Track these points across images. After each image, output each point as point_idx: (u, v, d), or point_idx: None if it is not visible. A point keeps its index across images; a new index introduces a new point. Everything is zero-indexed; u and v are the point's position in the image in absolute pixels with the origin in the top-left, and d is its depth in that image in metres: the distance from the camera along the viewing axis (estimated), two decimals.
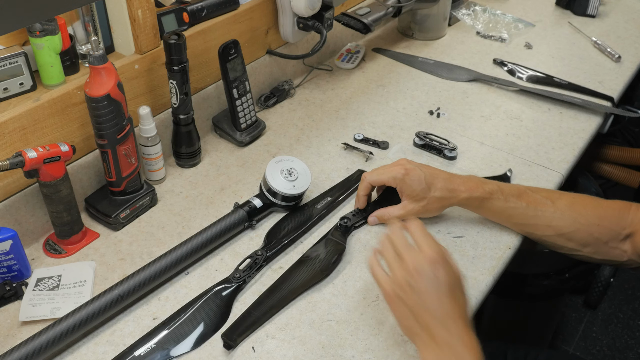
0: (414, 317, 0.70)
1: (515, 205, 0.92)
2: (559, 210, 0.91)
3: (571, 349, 1.86)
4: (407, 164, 0.94)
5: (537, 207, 0.91)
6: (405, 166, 0.93)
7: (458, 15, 1.63)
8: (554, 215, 0.91)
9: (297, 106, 1.30)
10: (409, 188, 0.92)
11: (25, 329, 0.83)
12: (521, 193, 0.93)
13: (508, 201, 0.92)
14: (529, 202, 0.92)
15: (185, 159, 1.11)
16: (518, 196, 0.92)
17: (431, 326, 0.69)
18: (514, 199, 0.92)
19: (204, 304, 0.85)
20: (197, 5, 1.11)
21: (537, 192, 0.93)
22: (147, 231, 0.99)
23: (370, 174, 0.96)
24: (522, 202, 0.92)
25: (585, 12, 1.67)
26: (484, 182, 0.93)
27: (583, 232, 0.90)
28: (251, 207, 0.98)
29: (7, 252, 0.86)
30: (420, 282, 0.70)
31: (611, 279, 1.84)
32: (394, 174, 0.93)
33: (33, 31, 0.89)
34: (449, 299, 0.70)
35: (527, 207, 0.92)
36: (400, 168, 0.93)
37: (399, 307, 0.72)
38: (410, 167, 0.93)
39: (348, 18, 1.36)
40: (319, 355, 0.80)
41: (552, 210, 0.91)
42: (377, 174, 0.95)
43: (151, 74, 1.06)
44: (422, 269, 0.70)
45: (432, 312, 0.69)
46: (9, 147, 0.89)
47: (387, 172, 0.94)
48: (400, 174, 0.92)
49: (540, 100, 1.32)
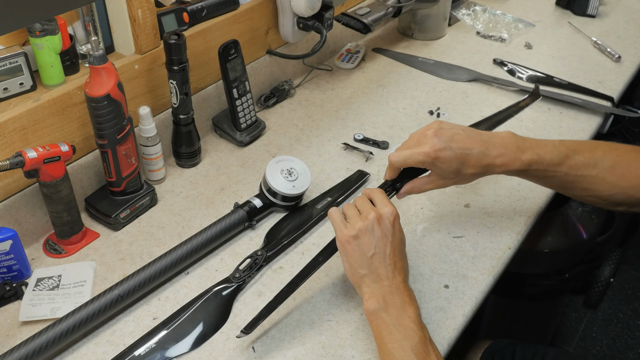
0: (366, 259, 0.77)
1: (555, 173, 0.87)
2: (600, 174, 0.87)
3: (571, 349, 1.86)
4: (437, 142, 0.83)
5: (578, 172, 0.87)
6: (435, 146, 0.82)
7: (458, 15, 1.63)
8: (594, 180, 0.87)
9: (297, 106, 1.30)
10: (438, 170, 0.85)
11: (25, 329, 0.83)
12: (563, 160, 0.86)
13: (547, 171, 0.87)
14: (569, 168, 0.86)
15: (185, 159, 1.11)
16: (559, 164, 0.86)
17: (379, 268, 0.76)
18: (553, 167, 0.86)
19: (204, 303, 0.85)
20: (197, 5, 1.11)
21: (580, 153, 0.87)
22: (147, 231, 0.99)
23: (397, 156, 0.86)
24: (563, 168, 0.86)
25: (585, 12, 1.67)
26: (522, 151, 0.86)
27: (623, 195, 0.87)
28: (251, 207, 0.98)
29: (7, 252, 0.86)
30: (377, 228, 0.77)
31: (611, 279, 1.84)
32: (423, 158, 0.83)
33: (33, 31, 0.89)
34: (398, 252, 0.78)
35: (566, 174, 0.87)
36: (429, 149, 0.83)
37: (353, 250, 0.77)
38: (440, 146, 0.83)
39: (348, 18, 1.36)
40: (319, 355, 0.80)
41: (593, 175, 0.87)
42: (404, 157, 0.85)
43: (151, 74, 1.06)
44: (382, 219, 0.78)
45: (382, 256, 0.77)
46: (9, 147, 0.89)
47: (415, 154, 0.84)
48: (429, 158, 0.83)
49: (540, 100, 1.32)
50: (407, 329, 0.73)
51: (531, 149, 0.86)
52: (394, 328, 0.73)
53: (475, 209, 1.04)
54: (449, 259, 0.94)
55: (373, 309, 0.75)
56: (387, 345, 0.72)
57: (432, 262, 0.93)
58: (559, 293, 1.50)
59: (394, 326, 0.73)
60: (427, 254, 0.95)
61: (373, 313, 0.75)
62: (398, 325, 0.73)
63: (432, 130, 0.84)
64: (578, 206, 1.43)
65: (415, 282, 0.90)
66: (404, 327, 0.73)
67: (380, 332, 0.74)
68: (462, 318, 0.85)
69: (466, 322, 0.86)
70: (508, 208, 1.04)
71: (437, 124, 0.86)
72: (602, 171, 0.87)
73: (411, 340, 0.72)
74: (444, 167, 0.84)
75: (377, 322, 0.74)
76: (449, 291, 0.89)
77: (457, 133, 0.85)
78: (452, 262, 0.93)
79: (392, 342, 0.72)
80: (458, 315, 0.85)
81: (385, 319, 0.74)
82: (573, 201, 1.43)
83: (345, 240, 0.78)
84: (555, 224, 1.39)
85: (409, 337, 0.72)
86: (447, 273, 0.92)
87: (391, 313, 0.74)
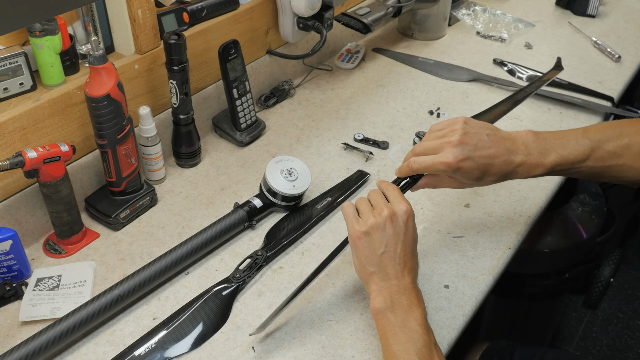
0: (375, 257, 0.76)
1: (580, 169, 0.85)
2: (627, 162, 0.84)
3: (571, 349, 1.86)
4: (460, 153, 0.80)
5: (604, 163, 0.84)
6: (458, 157, 0.79)
7: (458, 15, 1.63)
8: (621, 168, 0.85)
9: (297, 106, 1.30)
10: (460, 177, 0.83)
11: (25, 329, 0.83)
12: (588, 155, 0.84)
13: (572, 169, 0.85)
14: (595, 161, 0.84)
15: (185, 159, 1.11)
16: (583, 160, 0.84)
17: (388, 266, 0.75)
18: (578, 164, 0.84)
19: (204, 304, 0.85)
20: (197, 5, 1.11)
21: (605, 144, 0.84)
22: (147, 231, 0.99)
23: (419, 162, 0.83)
24: (588, 163, 0.84)
25: (585, 12, 1.67)
26: (545, 155, 0.83)
27: None
28: (251, 207, 0.98)
29: (7, 252, 0.86)
30: (390, 226, 0.76)
31: (611, 279, 1.84)
32: (444, 168, 0.81)
33: (33, 31, 0.89)
34: (409, 252, 0.76)
35: (592, 167, 0.84)
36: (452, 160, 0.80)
37: (363, 246, 0.76)
38: (463, 156, 0.80)
39: (348, 18, 1.36)
40: (319, 355, 0.80)
41: (620, 164, 0.84)
42: (426, 166, 0.82)
43: (151, 74, 1.06)
44: (395, 216, 0.76)
45: (393, 255, 0.75)
46: (9, 147, 0.89)
47: (437, 164, 0.81)
48: (451, 168, 0.80)
49: (540, 100, 1.32)
50: (412, 332, 0.72)
51: (554, 150, 0.83)
52: (399, 329, 0.72)
53: (475, 209, 1.04)
54: (449, 259, 0.94)
55: (379, 308, 0.74)
56: (392, 346, 0.72)
57: (432, 262, 0.93)
58: (559, 293, 1.50)
59: (399, 327, 0.72)
60: (427, 254, 0.95)
61: (379, 312, 0.74)
62: (403, 327, 0.72)
63: (457, 137, 0.80)
64: (578, 206, 1.43)
65: None
66: (410, 330, 0.72)
67: (385, 333, 0.73)
68: (462, 318, 0.85)
69: (466, 322, 0.86)
70: (508, 208, 1.04)
71: (462, 125, 0.82)
72: (629, 159, 0.84)
73: (416, 344, 0.71)
74: (465, 175, 0.82)
75: (382, 322, 0.74)
76: (449, 291, 0.89)
77: (481, 140, 0.82)
78: (452, 262, 0.93)
79: (396, 344, 0.71)
80: (458, 315, 0.85)
81: (391, 319, 0.73)
82: (573, 201, 1.43)
83: (356, 236, 0.77)
84: (555, 224, 1.39)
85: (413, 340, 0.71)
86: (447, 273, 0.92)
87: (397, 314, 0.73)
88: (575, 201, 1.43)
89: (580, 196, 1.45)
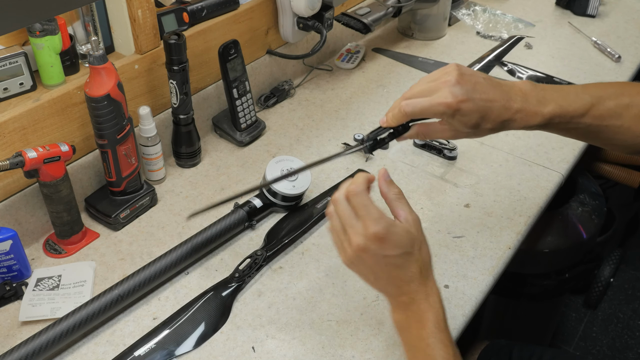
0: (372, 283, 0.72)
1: (577, 125, 0.80)
2: (625, 124, 0.81)
3: (571, 349, 1.86)
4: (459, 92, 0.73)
5: (602, 122, 0.80)
6: (458, 97, 0.73)
7: (458, 15, 1.63)
8: (619, 129, 0.81)
9: (297, 106, 1.30)
10: (457, 122, 0.76)
11: (25, 329, 0.83)
12: (587, 110, 0.79)
13: (570, 123, 0.80)
14: (593, 119, 0.80)
15: (185, 159, 1.11)
16: (582, 114, 0.80)
17: (387, 289, 0.71)
18: (576, 119, 0.80)
19: (204, 304, 0.85)
20: (197, 5, 1.11)
21: (605, 101, 0.80)
22: (147, 231, 0.99)
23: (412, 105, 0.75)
24: (586, 119, 0.80)
25: (585, 12, 1.67)
26: (544, 104, 0.78)
27: None
28: (251, 207, 0.98)
29: (7, 252, 0.86)
30: (367, 258, 0.68)
31: (611, 279, 1.84)
32: (443, 109, 0.74)
33: (33, 31, 0.89)
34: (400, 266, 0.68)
35: (590, 124, 0.80)
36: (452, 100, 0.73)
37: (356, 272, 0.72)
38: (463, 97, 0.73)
39: (348, 18, 1.36)
40: (319, 355, 0.80)
41: (618, 125, 0.81)
42: (422, 107, 0.75)
43: (151, 74, 1.06)
44: (367, 248, 0.67)
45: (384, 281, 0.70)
46: (9, 147, 0.89)
47: (436, 105, 0.74)
48: (450, 110, 0.73)
49: None
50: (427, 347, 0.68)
51: (553, 100, 0.79)
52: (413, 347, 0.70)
53: (475, 209, 1.04)
54: (449, 259, 0.94)
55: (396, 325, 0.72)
56: None
57: (432, 262, 0.93)
58: (559, 293, 1.50)
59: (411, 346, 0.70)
60: None
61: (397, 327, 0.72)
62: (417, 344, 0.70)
63: (453, 77, 0.74)
64: (578, 206, 1.43)
65: None
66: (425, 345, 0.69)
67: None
68: (462, 318, 0.85)
69: (466, 322, 0.86)
70: (508, 208, 1.04)
71: (456, 68, 0.75)
72: (628, 120, 0.80)
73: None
74: (463, 120, 0.75)
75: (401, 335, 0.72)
76: (449, 291, 0.89)
77: (479, 82, 0.75)
78: (452, 262, 0.93)
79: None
80: (458, 315, 0.85)
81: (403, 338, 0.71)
82: (573, 201, 1.43)
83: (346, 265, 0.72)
84: (555, 224, 1.39)
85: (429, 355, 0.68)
86: (447, 273, 0.92)
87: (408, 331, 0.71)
88: (575, 201, 1.43)
89: (580, 196, 1.45)
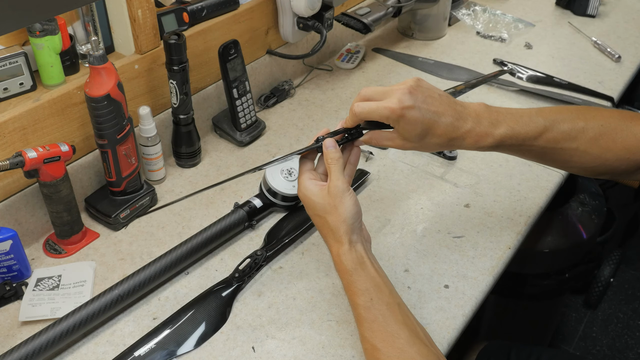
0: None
1: (531, 147, 0.81)
2: (581, 147, 0.80)
3: (571, 349, 1.86)
4: (406, 100, 0.75)
5: (556, 145, 0.81)
6: (403, 103, 0.75)
7: (458, 15, 1.63)
8: (574, 152, 0.81)
9: (297, 106, 1.30)
10: (402, 129, 0.77)
11: (25, 329, 0.83)
12: (540, 133, 0.80)
13: (522, 145, 0.80)
14: (547, 142, 0.80)
15: (185, 159, 1.11)
16: (535, 137, 0.80)
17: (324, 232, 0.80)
18: (529, 142, 0.80)
19: (204, 304, 0.85)
20: (197, 5, 1.11)
21: (559, 124, 0.80)
22: (147, 231, 0.99)
23: (361, 107, 0.78)
24: (540, 142, 0.80)
25: (585, 12, 1.67)
26: (495, 125, 0.79)
27: (606, 167, 0.82)
28: (251, 207, 0.98)
29: (7, 252, 0.86)
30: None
31: (611, 279, 1.84)
32: (388, 113, 0.76)
33: (33, 31, 0.89)
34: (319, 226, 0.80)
35: (544, 147, 0.81)
36: (396, 106, 0.75)
37: None
38: (409, 104, 0.75)
39: (348, 18, 1.36)
40: (319, 355, 0.80)
41: (573, 147, 0.81)
42: (368, 110, 0.78)
43: (151, 74, 1.06)
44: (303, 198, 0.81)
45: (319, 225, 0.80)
46: (9, 147, 0.89)
47: (381, 108, 0.77)
48: (394, 114, 0.76)
49: (540, 100, 1.32)
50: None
51: (505, 122, 0.79)
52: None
53: (475, 209, 1.04)
54: (449, 259, 0.94)
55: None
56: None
57: (432, 262, 0.93)
58: (559, 293, 1.50)
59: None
60: (427, 254, 0.95)
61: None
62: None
63: (406, 87, 0.77)
64: (578, 206, 1.43)
65: (415, 282, 0.90)
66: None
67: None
68: (462, 318, 0.85)
69: (466, 322, 0.86)
70: (508, 208, 1.04)
71: (415, 80, 0.78)
72: (584, 143, 0.80)
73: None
74: (408, 128, 0.77)
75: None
76: (449, 291, 0.89)
77: (431, 96, 0.77)
78: (452, 262, 0.93)
79: None
80: (458, 315, 0.85)
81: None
82: (573, 201, 1.43)
83: None
84: (555, 224, 1.39)
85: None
86: (447, 273, 0.92)
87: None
88: (575, 201, 1.43)
89: (580, 196, 1.45)
